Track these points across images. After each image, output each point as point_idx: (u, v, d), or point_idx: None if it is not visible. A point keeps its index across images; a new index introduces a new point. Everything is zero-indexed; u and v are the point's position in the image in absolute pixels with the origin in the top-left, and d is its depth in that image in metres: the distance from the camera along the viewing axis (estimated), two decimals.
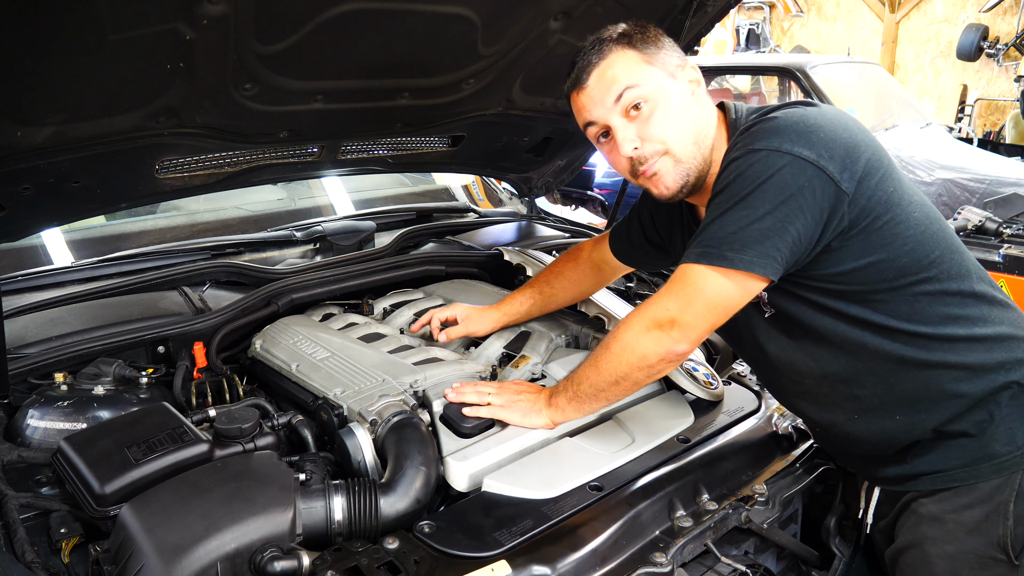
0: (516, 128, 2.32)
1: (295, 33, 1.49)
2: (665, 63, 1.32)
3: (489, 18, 1.69)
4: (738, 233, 1.19)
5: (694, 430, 1.55)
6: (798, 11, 10.60)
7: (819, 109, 1.26)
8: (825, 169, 1.18)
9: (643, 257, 1.74)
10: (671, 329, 1.26)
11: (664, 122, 1.31)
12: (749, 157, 1.21)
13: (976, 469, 1.29)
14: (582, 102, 1.36)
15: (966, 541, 1.30)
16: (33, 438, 1.44)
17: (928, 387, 1.28)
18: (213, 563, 1.07)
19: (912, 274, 1.25)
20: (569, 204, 6.19)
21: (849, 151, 1.20)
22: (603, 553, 1.23)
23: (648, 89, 1.30)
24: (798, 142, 1.18)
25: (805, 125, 1.21)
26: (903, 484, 1.37)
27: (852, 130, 1.24)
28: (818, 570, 1.62)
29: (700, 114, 1.35)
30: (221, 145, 1.79)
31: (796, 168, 1.17)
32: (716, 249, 1.21)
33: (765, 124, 1.24)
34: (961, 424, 1.28)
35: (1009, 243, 3.49)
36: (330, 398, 1.53)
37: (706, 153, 1.34)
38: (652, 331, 1.28)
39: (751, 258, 1.19)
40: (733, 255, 1.20)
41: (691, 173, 1.34)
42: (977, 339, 1.27)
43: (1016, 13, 8.30)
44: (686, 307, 1.25)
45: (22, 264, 2.07)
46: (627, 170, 1.37)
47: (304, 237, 2.41)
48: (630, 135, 1.32)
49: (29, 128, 1.42)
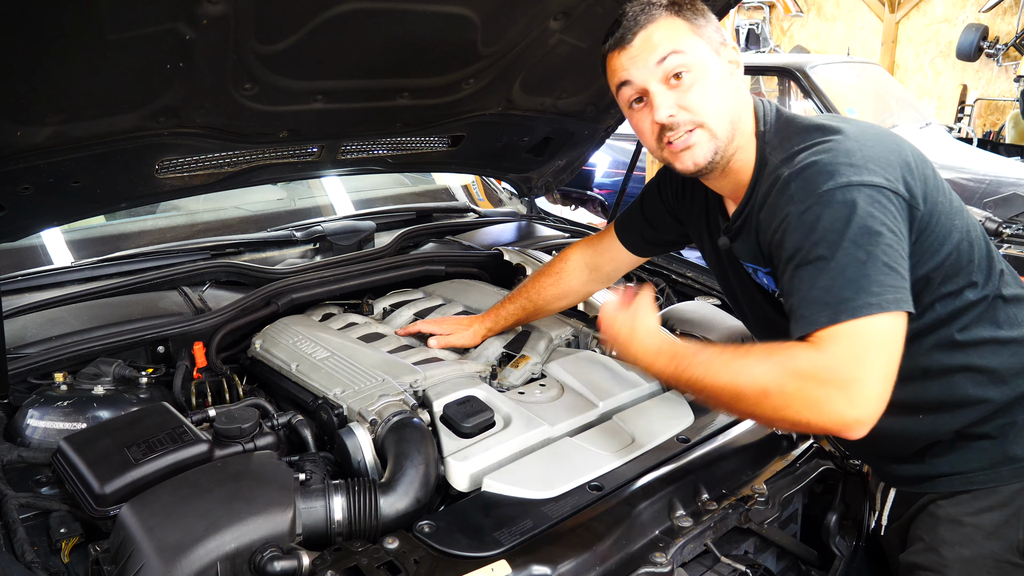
0: (516, 128, 2.32)
1: (295, 33, 1.49)
2: (711, 38, 1.29)
3: (489, 18, 1.69)
4: (871, 276, 1.09)
5: (694, 430, 1.54)
6: (798, 11, 10.60)
7: (857, 137, 1.20)
8: (898, 191, 1.15)
9: (664, 237, 1.68)
10: (848, 390, 1.08)
11: (704, 95, 1.27)
12: (825, 199, 1.13)
13: (996, 472, 1.28)
14: (621, 62, 1.30)
15: (984, 545, 1.29)
16: (33, 438, 1.44)
17: (953, 391, 1.28)
18: (213, 563, 1.08)
19: (955, 282, 1.24)
20: (569, 204, 6.18)
21: (906, 171, 1.18)
22: (603, 553, 1.22)
23: (692, 59, 1.27)
24: (863, 172, 1.14)
25: (858, 157, 1.16)
26: (920, 485, 1.37)
27: (899, 147, 1.22)
28: (818, 570, 1.62)
29: (737, 96, 1.31)
30: (221, 145, 1.79)
31: (878, 196, 1.13)
32: (857, 299, 1.08)
33: (815, 167, 1.17)
34: (984, 427, 1.28)
35: (1009, 243, 3.50)
36: (330, 398, 1.53)
37: (738, 135, 1.31)
38: (826, 403, 1.09)
39: (895, 296, 1.09)
40: (877, 299, 1.08)
41: (720, 152, 1.29)
42: (1002, 341, 1.27)
43: (1016, 13, 8.30)
44: (857, 366, 1.08)
45: (22, 264, 2.07)
46: (654, 138, 1.32)
47: (304, 237, 2.41)
48: (668, 101, 1.27)
49: (29, 128, 1.42)
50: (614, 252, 1.75)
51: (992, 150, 5.67)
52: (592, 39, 1.91)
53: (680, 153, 1.31)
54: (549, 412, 1.53)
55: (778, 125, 1.32)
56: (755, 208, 1.30)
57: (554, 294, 1.80)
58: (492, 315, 1.84)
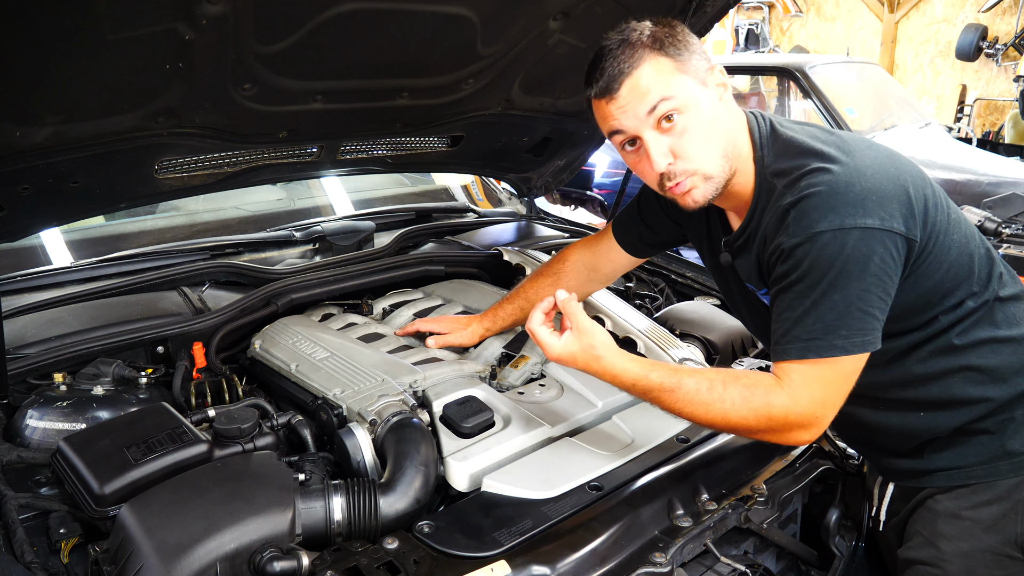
0: (515, 128, 2.32)
1: (294, 33, 1.49)
2: (696, 69, 1.27)
3: (488, 18, 1.69)
4: (841, 319, 1.18)
5: (694, 430, 1.54)
6: (797, 11, 10.60)
7: (856, 167, 1.22)
8: (892, 229, 1.17)
9: (662, 239, 1.69)
10: (805, 430, 1.25)
11: (696, 138, 1.27)
12: (816, 240, 1.18)
13: (994, 467, 1.30)
14: (610, 111, 1.28)
15: (981, 539, 1.31)
16: (32, 438, 1.44)
17: (953, 391, 1.30)
18: (212, 563, 1.08)
19: (953, 294, 1.26)
20: (568, 204, 6.18)
21: (903, 203, 1.20)
22: (603, 553, 1.23)
23: (682, 100, 1.25)
24: (857, 213, 1.17)
25: (856, 192, 1.18)
26: (919, 479, 1.38)
27: (898, 176, 1.22)
28: (817, 570, 1.62)
29: (729, 123, 1.31)
30: (220, 145, 1.79)
31: (868, 239, 1.16)
32: (824, 340, 1.19)
33: (812, 200, 1.20)
34: (984, 423, 1.30)
35: (1008, 243, 3.50)
36: (329, 398, 1.53)
37: (734, 162, 1.31)
38: (793, 432, 1.25)
39: (862, 339, 1.19)
40: (844, 342, 1.18)
41: (720, 185, 1.31)
42: (1000, 340, 1.28)
43: (1015, 13, 8.30)
44: (818, 407, 1.23)
45: (22, 264, 2.07)
46: (656, 181, 1.33)
47: (303, 237, 2.41)
48: (663, 149, 1.27)
49: (28, 128, 1.42)
50: (612, 253, 1.75)
51: (992, 150, 5.66)
52: (592, 39, 1.91)
53: (682, 197, 1.32)
54: (549, 412, 1.53)
55: (776, 146, 1.31)
56: (756, 229, 1.32)
57: (551, 294, 1.79)
58: (490, 315, 1.84)
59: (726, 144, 1.30)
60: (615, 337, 1.84)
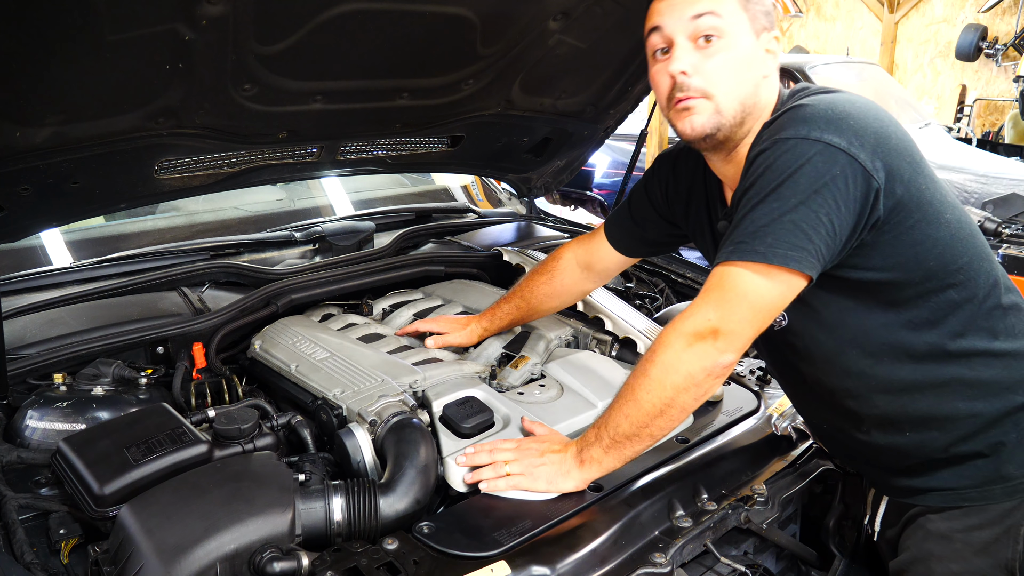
0: (515, 128, 2.32)
1: (294, 33, 1.49)
2: (757, 17, 1.26)
3: (488, 18, 1.69)
4: (770, 226, 1.14)
5: (693, 430, 1.55)
6: (797, 11, 10.58)
7: (848, 96, 1.21)
8: (856, 157, 1.13)
9: (652, 237, 1.67)
10: (715, 340, 1.17)
11: (723, 67, 1.25)
12: (777, 147, 1.16)
13: (988, 490, 1.26)
14: (660, 7, 1.28)
15: (973, 561, 1.28)
16: (32, 439, 1.44)
17: (941, 405, 1.26)
18: (212, 564, 1.08)
19: (939, 279, 1.21)
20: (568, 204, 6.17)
21: (880, 141, 1.16)
22: (602, 553, 1.23)
23: (727, 26, 1.23)
24: (827, 129, 1.14)
25: (834, 112, 1.16)
26: (912, 497, 1.35)
27: (883, 120, 1.20)
28: (817, 570, 1.62)
29: (761, 83, 1.29)
30: (220, 145, 1.79)
31: (827, 156, 1.12)
32: (748, 244, 1.15)
33: (793, 113, 1.19)
34: (975, 444, 1.25)
35: (1008, 243, 3.50)
36: (329, 398, 1.53)
37: (747, 116, 1.28)
38: (694, 345, 1.18)
39: (786, 251, 1.13)
40: (766, 249, 1.13)
41: (722, 129, 1.27)
42: (995, 354, 1.24)
43: (1015, 13, 8.30)
44: (727, 313, 1.17)
45: (22, 264, 2.07)
46: (666, 91, 1.29)
47: (303, 237, 2.41)
48: (687, 58, 1.25)
49: (28, 129, 1.42)
50: (604, 252, 1.73)
51: (991, 150, 5.68)
52: (592, 39, 1.92)
53: (682, 114, 1.28)
54: (548, 412, 1.53)
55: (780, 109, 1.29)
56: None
57: (546, 292, 1.79)
58: (488, 315, 1.84)
59: (748, 93, 1.27)
60: (615, 337, 1.85)
